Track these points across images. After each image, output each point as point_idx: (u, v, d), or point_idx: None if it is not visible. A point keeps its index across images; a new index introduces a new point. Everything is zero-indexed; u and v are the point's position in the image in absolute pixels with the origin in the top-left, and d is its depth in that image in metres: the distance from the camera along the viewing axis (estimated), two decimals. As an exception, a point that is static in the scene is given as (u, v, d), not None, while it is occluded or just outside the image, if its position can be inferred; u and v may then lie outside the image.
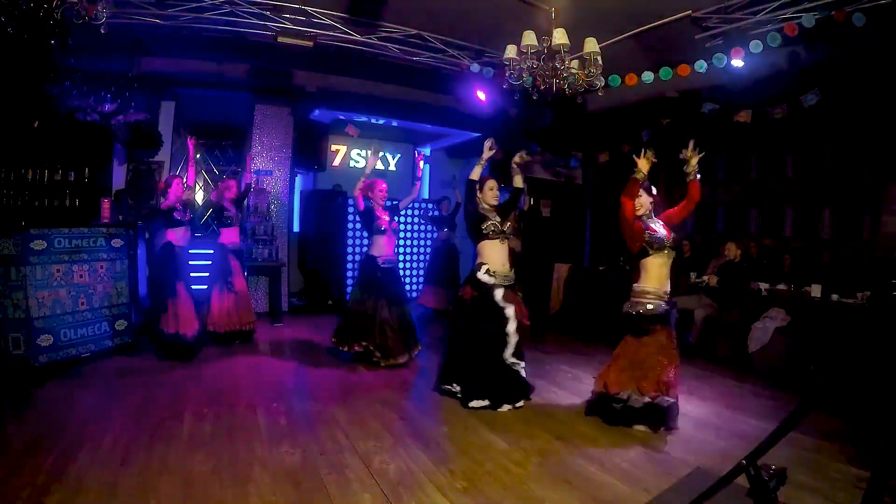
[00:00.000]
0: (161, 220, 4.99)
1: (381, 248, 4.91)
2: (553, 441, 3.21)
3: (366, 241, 8.15)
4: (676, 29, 4.88)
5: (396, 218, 5.25)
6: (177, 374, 4.30)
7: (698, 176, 3.65)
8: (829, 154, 6.33)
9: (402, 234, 8.59)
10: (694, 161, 3.64)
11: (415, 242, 9.06)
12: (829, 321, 4.72)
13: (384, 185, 5.00)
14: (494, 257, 3.89)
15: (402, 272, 6.66)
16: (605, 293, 6.19)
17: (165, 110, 6.72)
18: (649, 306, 3.44)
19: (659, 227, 3.55)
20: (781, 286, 5.46)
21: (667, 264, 3.52)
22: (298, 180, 8.02)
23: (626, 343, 3.57)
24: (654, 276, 3.49)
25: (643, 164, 3.52)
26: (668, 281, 3.53)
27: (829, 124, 6.04)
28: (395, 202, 5.38)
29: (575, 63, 4.25)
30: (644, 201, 3.58)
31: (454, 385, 3.90)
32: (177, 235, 4.89)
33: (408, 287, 7.81)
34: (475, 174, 3.95)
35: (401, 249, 8.70)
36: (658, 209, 3.69)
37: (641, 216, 3.57)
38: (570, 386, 4.43)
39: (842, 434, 3.28)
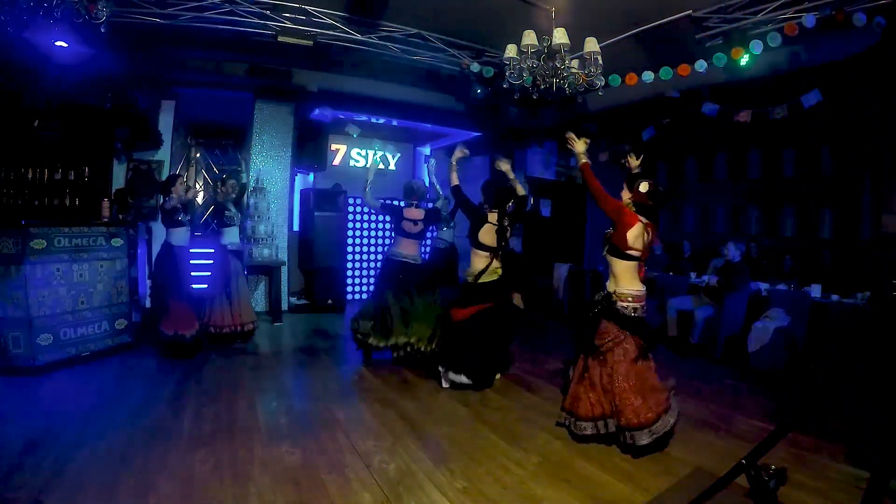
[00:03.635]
0: (161, 220, 4.99)
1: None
2: (553, 441, 3.21)
3: (373, 242, 8.21)
4: (677, 28, 4.88)
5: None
6: (177, 373, 4.30)
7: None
8: (830, 154, 6.34)
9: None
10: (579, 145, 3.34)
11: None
12: (829, 321, 4.72)
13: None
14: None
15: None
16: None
17: (165, 109, 6.72)
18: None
19: None
20: (781, 286, 5.46)
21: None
22: (298, 180, 8.02)
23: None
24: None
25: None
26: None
27: (829, 125, 6.05)
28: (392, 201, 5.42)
29: (575, 62, 4.24)
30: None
31: None
32: (177, 236, 4.88)
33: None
34: (455, 179, 4.43)
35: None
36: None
37: None
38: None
39: (842, 434, 3.28)
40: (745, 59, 4.72)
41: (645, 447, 2.96)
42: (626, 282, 3.14)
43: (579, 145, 3.37)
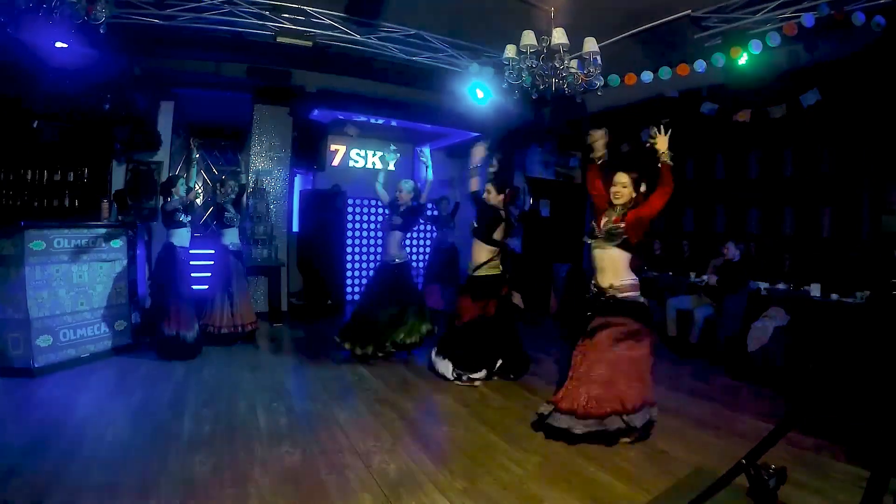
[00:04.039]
0: (162, 221, 4.99)
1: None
2: (553, 441, 3.20)
3: (372, 242, 8.20)
4: (676, 28, 4.88)
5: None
6: (177, 374, 4.30)
7: (669, 161, 3.19)
8: (829, 154, 6.34)
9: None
10: (661, 143, 3.20)
11: (415, 242, 9.06)
12: (829, 321, 4.72)
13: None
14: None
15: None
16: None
17: (164, 110, 6.71)
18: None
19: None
20: (781, 286, 5.46)
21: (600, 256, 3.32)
22: (298, 180, 8.02)
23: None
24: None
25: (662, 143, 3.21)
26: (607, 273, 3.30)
27: (828, 124, 6.05)
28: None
29: (574, 63, 4.24)
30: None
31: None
32: (178, 236, 4.88)
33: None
34: (476, 185, 4.61)
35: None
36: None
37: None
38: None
39: (842, 434, 3.28)
40: (743, 59, 4.72)
41: (580, 436, 3.08)
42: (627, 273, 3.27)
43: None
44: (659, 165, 3.19)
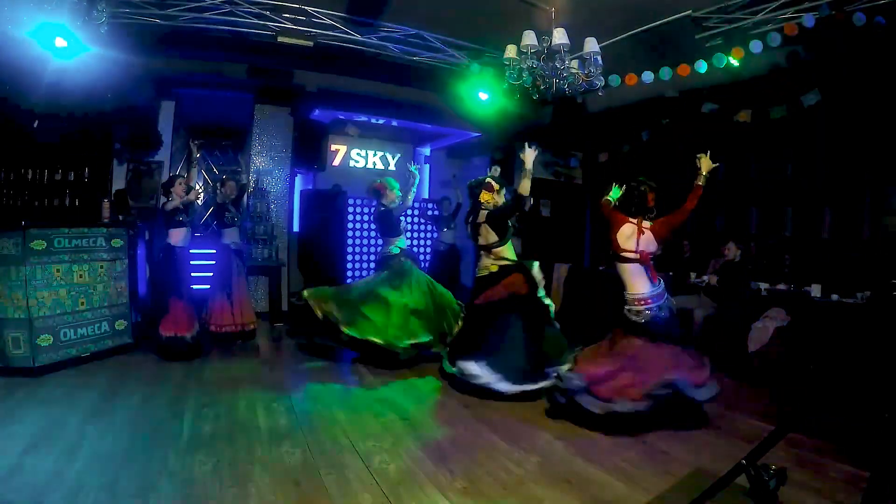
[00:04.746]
0: (162, 220, 4.99)
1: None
2: (553, 441, 3.21)
3: (373, 242, 8.20)
4: (676, 28, 4.88)
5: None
6: (177, 374, 4.30)
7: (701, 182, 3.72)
8: (830, 154, 6.33)
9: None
10: (705, 167, 3.75)
11: (415, 242, 9.05)
12: (830, 321, 4.72)
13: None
14: None
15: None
16: (606, 293, 6.17)
17: (165, 110, 6.73)
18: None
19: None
20: (781, 286, 5.45)
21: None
22: (298, 180, 8.02)
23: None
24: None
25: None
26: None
27: (829, 124, 6.05)
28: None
29: (575, 63, 4.24)
30: None
31: None
32: (178, 236, 4.89)
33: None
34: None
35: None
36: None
37: None
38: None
39: (842, 434, 3.28)
40: (738, 60, 4.72)
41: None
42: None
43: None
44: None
